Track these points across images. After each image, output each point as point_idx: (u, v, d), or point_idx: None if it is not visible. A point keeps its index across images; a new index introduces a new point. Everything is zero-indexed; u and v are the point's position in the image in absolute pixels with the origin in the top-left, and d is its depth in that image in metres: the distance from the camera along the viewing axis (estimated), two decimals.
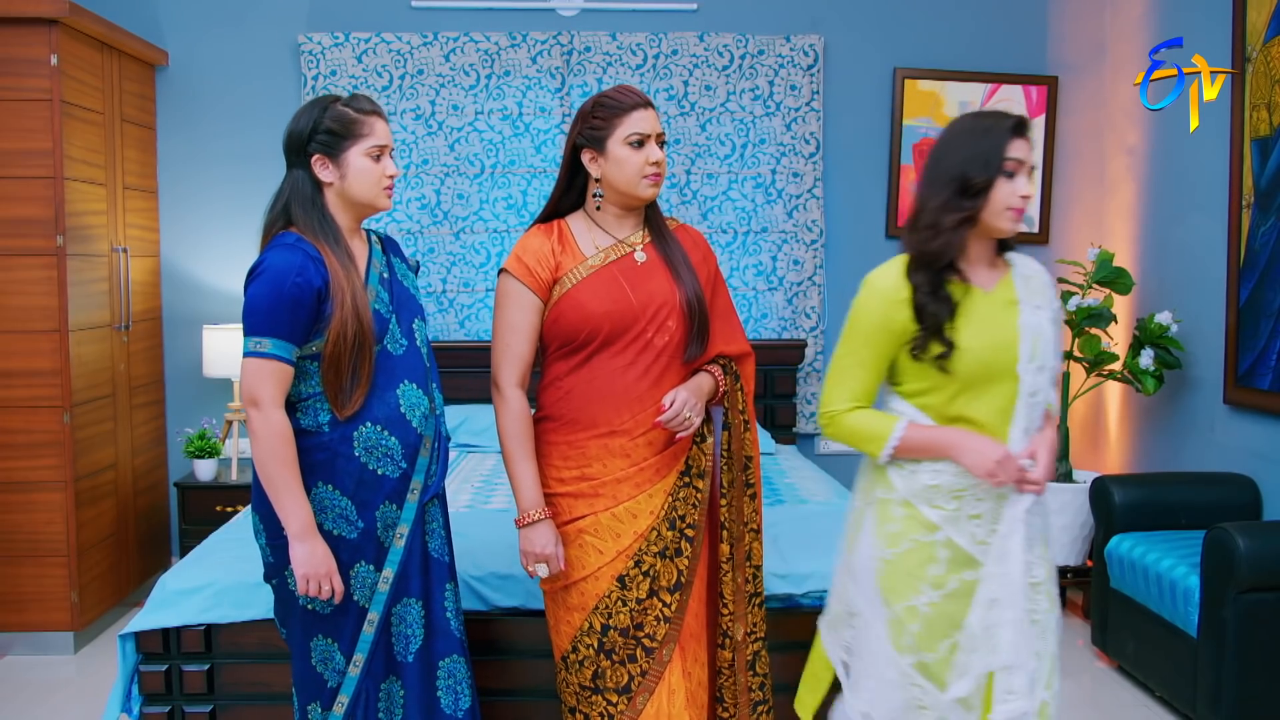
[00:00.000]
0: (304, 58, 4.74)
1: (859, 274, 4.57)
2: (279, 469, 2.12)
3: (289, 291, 2.11)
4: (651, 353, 2.25)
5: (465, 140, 4.77)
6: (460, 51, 4.75)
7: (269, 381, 2.12)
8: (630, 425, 2.25)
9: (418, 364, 2.28)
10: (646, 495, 2.26)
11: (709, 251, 2.43)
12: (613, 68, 4.76)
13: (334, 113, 2.21)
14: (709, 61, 4.78)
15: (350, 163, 2.20)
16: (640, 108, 2.24)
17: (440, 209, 4.78)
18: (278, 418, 2.12)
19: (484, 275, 4.81)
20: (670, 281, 2.28)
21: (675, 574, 2.28)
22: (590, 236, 2.31)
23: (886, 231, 4.92)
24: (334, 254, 2.17)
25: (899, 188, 4.89)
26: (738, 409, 2.37)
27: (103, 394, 4.24)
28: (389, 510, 2.23)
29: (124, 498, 4.41)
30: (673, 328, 2.26)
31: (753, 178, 4.81)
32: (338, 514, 2.20)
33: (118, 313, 4.37)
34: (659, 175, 2.27)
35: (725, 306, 2.41)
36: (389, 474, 2.21)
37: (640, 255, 2.30)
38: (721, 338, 2.37)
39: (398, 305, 2.28)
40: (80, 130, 4.08)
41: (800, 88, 4.80)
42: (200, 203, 4.83)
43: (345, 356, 2.15)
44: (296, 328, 2.13)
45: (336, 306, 2.13)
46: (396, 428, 2.21)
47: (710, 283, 2.38)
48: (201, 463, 4.52)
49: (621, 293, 2.24)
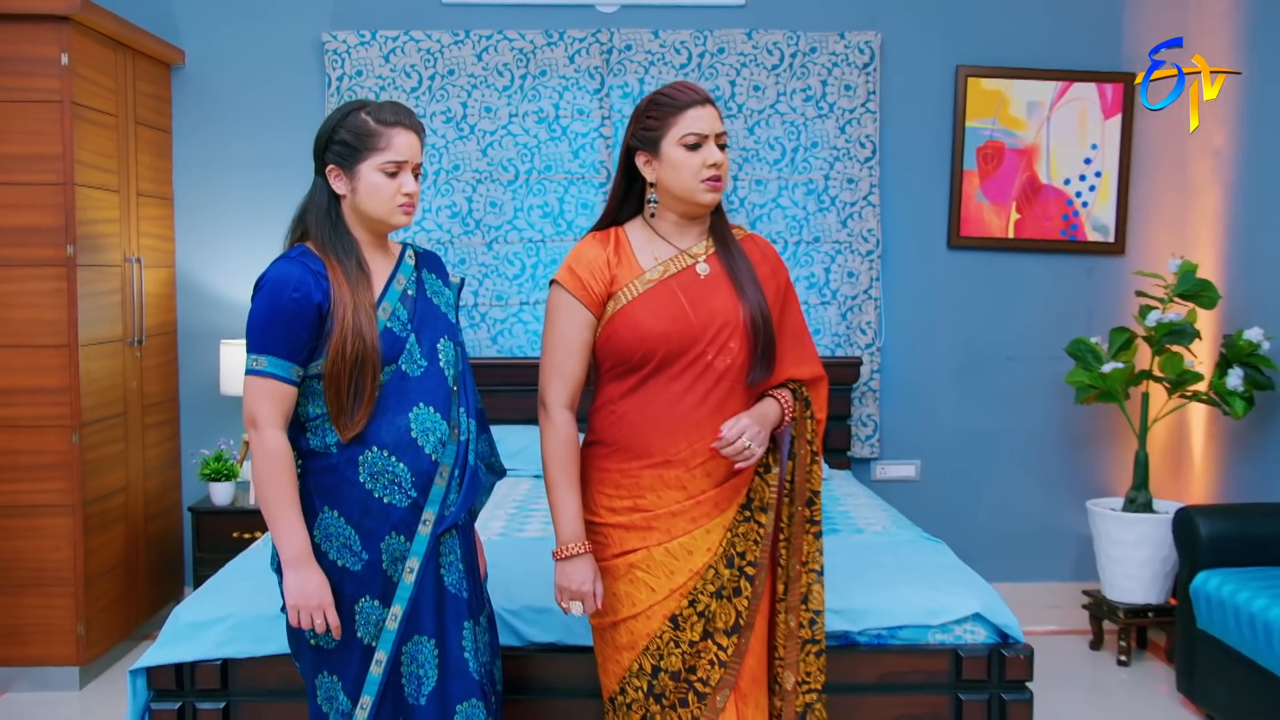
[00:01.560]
0: (328, 57, 4.73)
1: (918, 287, 4.91)
2: (272, 492, 2.13)
3: (285, 306, 2.13)
4: (711, 376, 2.22)
5: (499, 144, 4.76)
6: (494, 50, 4.74)
7: (265, 401, 2.13)
8: (687, 455, 2.22)
9: (438, 386, 2.26)
10: (704, 531, 2.24)
11: (779, 264, 2.38)
12: (655, 67, 4.74)
13: (351, 122, 2.21)
14: (757, 60, 4.75)
15: (362, 177, 2.20)
16: (697, 105, 2.21)
17: (472, 217, 4.77)
18: (273, 439, 2.14)
19: (518, 288, 4.79)
20: (734, 298, 2.25)
21: (733, 615, 2.25)
22: (650, 247, 2.28)
23: (948, 241, 4.86)
24: (342, 268, 2.18)
25: (961, 194, 4.82)
26: (805, 438, 2.31)
27: (113, 413, 4.23)
28: (396, 542, 2.21)
29: (135, 523, 4.39)
30: (735, 349, 2.23)
31: (804, 184, 4.77)
32: (342, 543, 2.20)
33: (130, 327, 4.36)
34: (719, 179, 2.22)
35: (796, 325, 2.37)
36: (396, 502, 2.20)
37: (703, 268, 2.27)
38: (791, 359, 2.33)
39: (420, 323, 2.27)
40: (92, 133, 4.08)
41: (855, 87, 4.77)
42: (218, 210, 4.83)
43: (344, 375, 2.15)
44: (295, 344, 2.14)
45: (336, 323, 2.14)
46: (406, 453, 2.20)
47: (779, 298, 2.34)
48: (218, 486, 4.50)
49: (680, 311, 2.21)
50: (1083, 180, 4.82)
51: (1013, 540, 4.93)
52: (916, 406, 4.89)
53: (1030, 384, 4.90)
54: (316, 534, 2.20)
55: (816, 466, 2.32)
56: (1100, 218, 4.83)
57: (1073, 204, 4.82)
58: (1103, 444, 4.91)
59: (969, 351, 4.91)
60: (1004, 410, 4.91)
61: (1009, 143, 4.80)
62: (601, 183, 4.74)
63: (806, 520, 2.31)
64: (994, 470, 4.93)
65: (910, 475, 4.90)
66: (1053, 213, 4.82)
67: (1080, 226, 4.82)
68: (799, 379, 2.33)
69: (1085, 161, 4.82)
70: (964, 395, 4.91)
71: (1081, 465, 4.92)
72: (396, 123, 2.21)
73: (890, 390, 4.89)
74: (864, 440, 4.86)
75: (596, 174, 4.76)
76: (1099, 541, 4.39)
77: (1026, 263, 4.88)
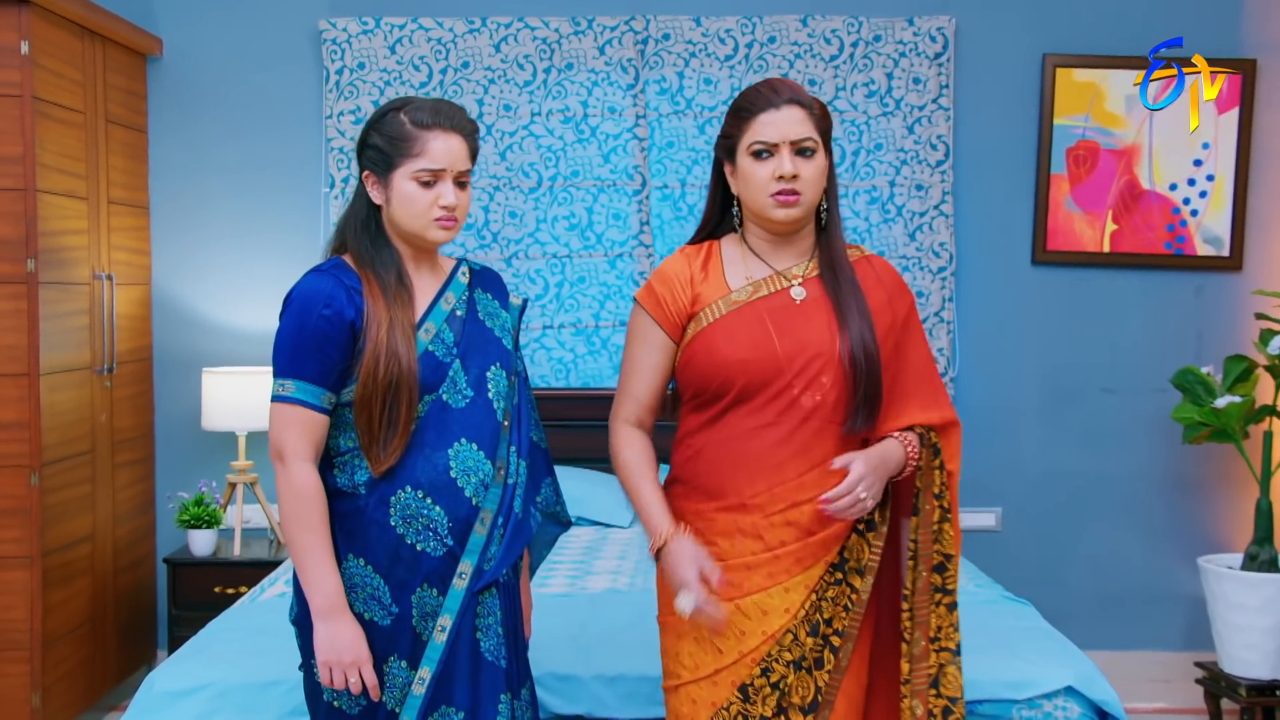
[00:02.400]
0: (326, 47, 4.71)
1: (998, 309, 4.78)
2: (300, 533, 2.16)
3: (315, 325, 2.17)
4: (797, 414, 2.22)
5: (519, 147, 4.75)
6: (513, 40, 4.72)
7: (292, 431, 2.17)
8: (765, 500, 2.22)
9: (485, 421, 2.28)
10: (781, 589, 2.22)
11: (899, 291, 2.36)
12: (696, 59, 4.72)
13: (387, 124, 2.24)
14: (814, 51, 4.71)
15: (396, 186, 2.23)
16: (770, 108, 2.22)
17: (489, 229, 4.76)
18: (301, 474, 2.17)
19: (541, 310, 4.77)
20: (831, 328, 2.24)
21: (812, 691, 2.23)
22: (743, 265, 2.31)
23: (1033, 256, 4.78)
24: (379, 282, 2.22)
25: (1048, 202, 4.75)
26: (932, 492, 2.27)
27: (79, 450, 4.21)
28: (428, 595, 2.22)
29: (102, 577, 4.36)
30: (827, 386, 2.22)
31: (866, 191, 4.75)
32: (369, 594, 2.22)
33: (99, 353, 4.35)
34: (792, 194, 2.21)
35: (921, 361, 2.34)
36: (430, 550, 2.21)
37: (798, 292, 2.28)
38: (916, 401, 2.30)
39: (467, 348, 2.29)
40: (56, 132, 4.06)
41: (926, 81, 4.73)
42: (201, 220, 4.81)
43: (376, 401, 2.17)
44: (326, 367, 2.18)
45: (369, 341, 2.17)
46: (443, 495, 2.21)
47: (895, 331, 2.31)
48: (198, 534, 4.46)
49: (765, 338, 2.23)
50: (1192, 185, 4.74)
51: (1111, 602, 4.85)
52: (996, 446, 4.81)
53: (1130, 420, 4.82)
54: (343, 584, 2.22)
55: (949, 526, 2.28)
56: (1212, 228, 4.74)
57: (1179, 212, 4.74)
58: (1217, 491, 4.82)
59: (1057, 383, 4.84)
60: (1099, 451, 4.83)
61: (1104, 143, 4.73)
62: (635, 190, 4.73)
63: (935, 589, 2.27)
64: (1088, 520, 4.84)
65: (989, 525, 4.84)
66: (1156, 223, 4.74)
67: (1188, 238, 4.74)
68: (926, 424, 2.28)
69: (1195, 164, 4.73)
70: (1051, 433, 4.84)
71: (1191, 516, 4.83)
72: (434, 125, 2.22)
73: (966, 427, 4.48)
74: None
75: (630, 180, 4.73)
76: (1214, 605, 4.29)
77: (1125, 280, 4.81)
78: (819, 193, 2.23)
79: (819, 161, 2.22)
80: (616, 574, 3.67)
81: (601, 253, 4.74)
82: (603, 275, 4.72)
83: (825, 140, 2.25)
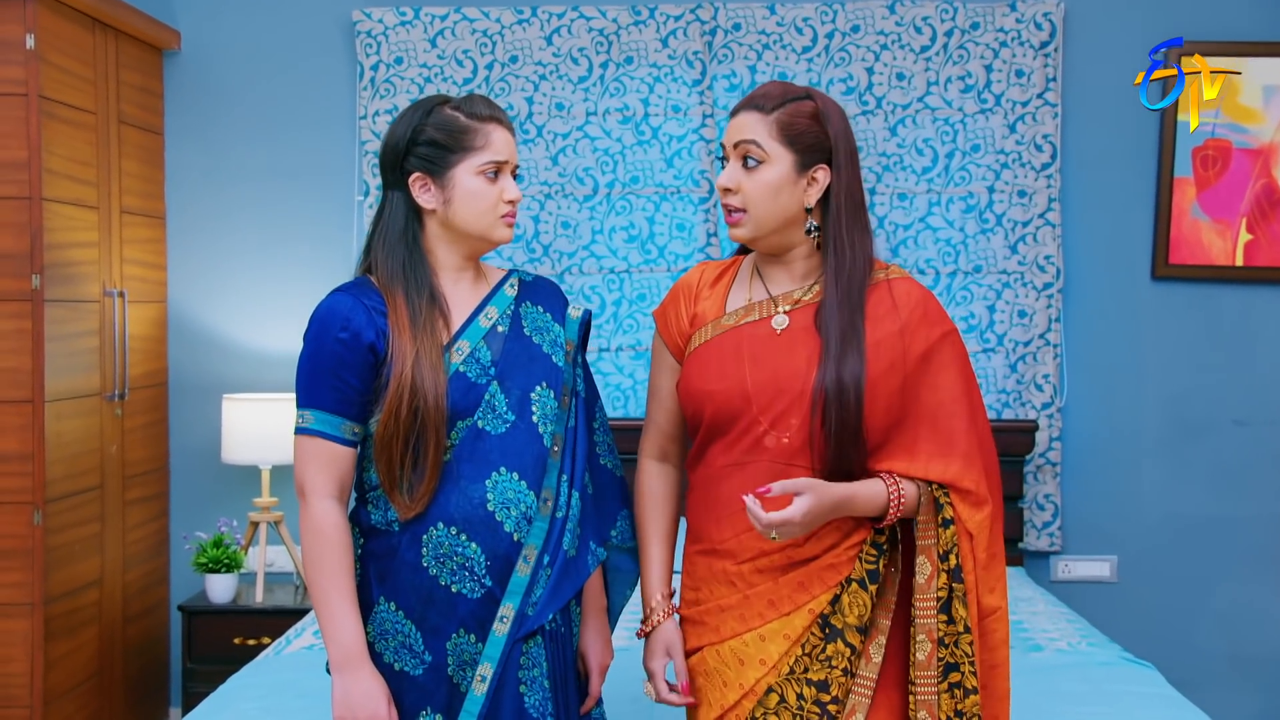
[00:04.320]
0: (360, 40, 4.73)
1: (1113, 330, 4.69)
2: (319, 577, 2.20)
3: (331, 350, 2.21)
4: (763, 455, 2.23)
5: (573, 150, 4.76)
6: (567, 32, 4.74)
7: (312, 465, 2.22)
8: (734, 546, 2.25)
9: (527, 447, 2.29)
10: (756, 636, 2.23)
11: (922, 321, 2.28)
12: (770, 51, 4.71)
13: (439, 118, 2.28)
14: (902, 41, 4.70)
15: (458, 183, 2.27)
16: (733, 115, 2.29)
17: (539, 241, 4.77)
18: (322, 512, 2.21)
19: (597, 330, 4.75)
20: (811, 362, 2.23)
21: None
22: (749, 286, 2.35)
23: (1153, 271, 4.75)
24: (408, 307, 2.24)
25: (1172, 209, 4.70)
26: (935, 552, 2.20)
27: (87, 485, 4.22)
28: (464, 642, 2.24)
29: (110, 626, 4.36)
30: (795, 426, 2.21)
31: (962, 198, 4.73)
32: (400, 642, 2.24)
33: (110, 378, 4.36)
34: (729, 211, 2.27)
35: (939, 404, 2.25)
36: (466, 592, 2.23)
37: (780, 320, 2.28)
38: (925, 448, 2.23)
39: (507, 368, 2.30)
40: (64, 135, 4.08)
41: (1030, 74, 4.69)
42: (222, 232, 4.84)
43: (398, 442, 2.19)
44: (346, 395, 2.21)
45: (393, 376, 2.19)
46: (480, 531, 2.22)
47: (905, 367, 2.24)
48: (216, 579, 4.47)
49: (737, 369, 2.25)
50: None
51: (1246, 666, 4.77)
52: (1111, 485, 4.78)
53: (1265, 456, 4.78)
54: (370, 631, 2.24)
55: (960, 606, 2.19)
56: None
57: None
58: None
59: (1181, 414, 4.79)
60: (1230, 491, 4.77)
61: (1237, 141, 4.69)
62: (702, 198, 4.74)
63: (947, 667, 2.18)
64: (1217, 571, 4.78)
65: (1104, 575, 4.80)
66: None
67: None
68: (924, 478, 2.21)
69: None
70: (1175, 471, 4.79)
71: None
72: (491, 117, 2.29)
73: (1076, 464, 4.78)
74: (1041, 529, 4.77)
75: (695, 187, 4.73)
76: None
77: (1261, 297, 4.77)
78: (772, 210, 2.20)
79: (765, 175, 2.20)
80: None
81: (664, 267, 4.73)
82: (665, 293, 4.64)
83: (800, 148, 2.21)
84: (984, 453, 2.24)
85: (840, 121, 2.23)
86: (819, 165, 2.21)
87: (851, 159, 2.23)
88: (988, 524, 2.22)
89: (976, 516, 2.21)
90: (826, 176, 2.21)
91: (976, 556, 2.20)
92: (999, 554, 2.23)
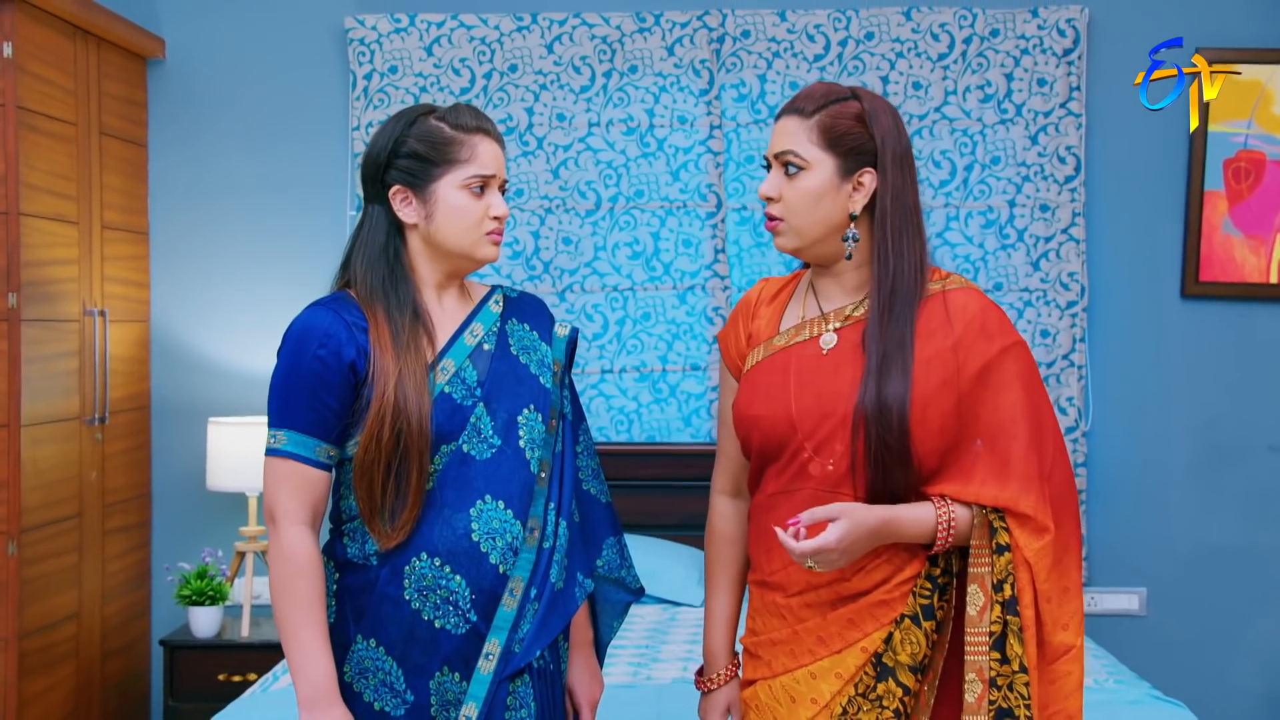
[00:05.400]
0: (353, 48, 4.74)
1: (1141, 350, 4.65)
2: (288, 609, 2.17)
3: (309, 367, 2.18)
4: (809, 483, 2.21)
5: (575, 162, 4.76)
6: (569, 39, 4.74)
7: (284, 489, 2.20)
8: (783, 578, 2.25)
9: (514, 474, 2.28)
10: (807, 674, 2.21)
11: (980, 335, 2.23)
12: (781, 59, 4.72)
13: (422, 129, 2.27)
14: (919, 49, 4.71)
15: (440, 197, 2.25)
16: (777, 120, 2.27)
17: (539, 258, 4.77)
18: (292, 539, 2.19)
19: (599, 351, 4.77)
20: (855, 383, 2.20)
21: None
22: (804, 302, 2.33)
23: (1183, 289, 4.74)
24: (390, 325, 2.23)
25: (1202, 224, 4.70)
26: (988, 581, 2.14)
27: (65, 514, 4.21)
28: (448, 680, 2.22)
29: (88, 662, 4.35)
30: (839, 452, 2.19)
31: (981, 212, 4.73)
32: (380, 680, 2.22)
33: (90, 401, 4.36)
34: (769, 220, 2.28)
35: (998, 424, 2.19)
36: (450, 628, 2.22)
37: (829, 339, 2.26)
38: (981, 472, 2.17)
39: (494, 389, 2.29)
40: (43, 147, 4.08)
41: (1053, 83, 4.69)
42: (208, 248, 4.84)
43: (379, 468, 2.17)
44: (323, 416, 2.19)
45: (374, 398, 2.18)
46: (464, 563, 2.21)
47: (960, 384, 2.19)
48: (200, 611, 4.44)
49: (783, 392, 2.24)
50: None
51: None
52: (1139, 514, 4.77)
53: None
54: (348, 670, 2.22)
55: (1016, 642, 2.11)
56: None
57: None
58: None
59: (1213, 439, 4.77)
60: (1265, 520, 4.76)
61: (1271, 153, 4.68)
62: (710, 213, 4.74)
63: (995, 710, 2.11)
64: (1252, 605, 4.75)
65: (1132, 608, 4.78)
66: None
67: None
68: (979, 502, 2.15)
69: None
70: (1207, 499, 4.77)
71: None
72: (478, 128, 2.27)
73: (1102, 491, 4.77)
74: None
75: (703, 201, 4.73)
76: None
77: None
78: (814, 219, 2.18)
79: (805, 182, 2.18)
80: (688, 660, 3.63)
81: (669, 285, 4.73)
82: (671, 311, 4.71)
83: (843, 150, 2.19)
84: (1050, 479, 2.17)
85: (889, 121, 2.20)
86: (865, 169, 2.18)
87: (902, 162, 2.19)
88: (1049, 552, 2.14)
89: (1035, 544, 2.14)
90: (873, 181, 2.17)
91: (1039, 588, 2.13)
92: (1071, 588, 2.16)
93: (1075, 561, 2.17)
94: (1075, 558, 2.18)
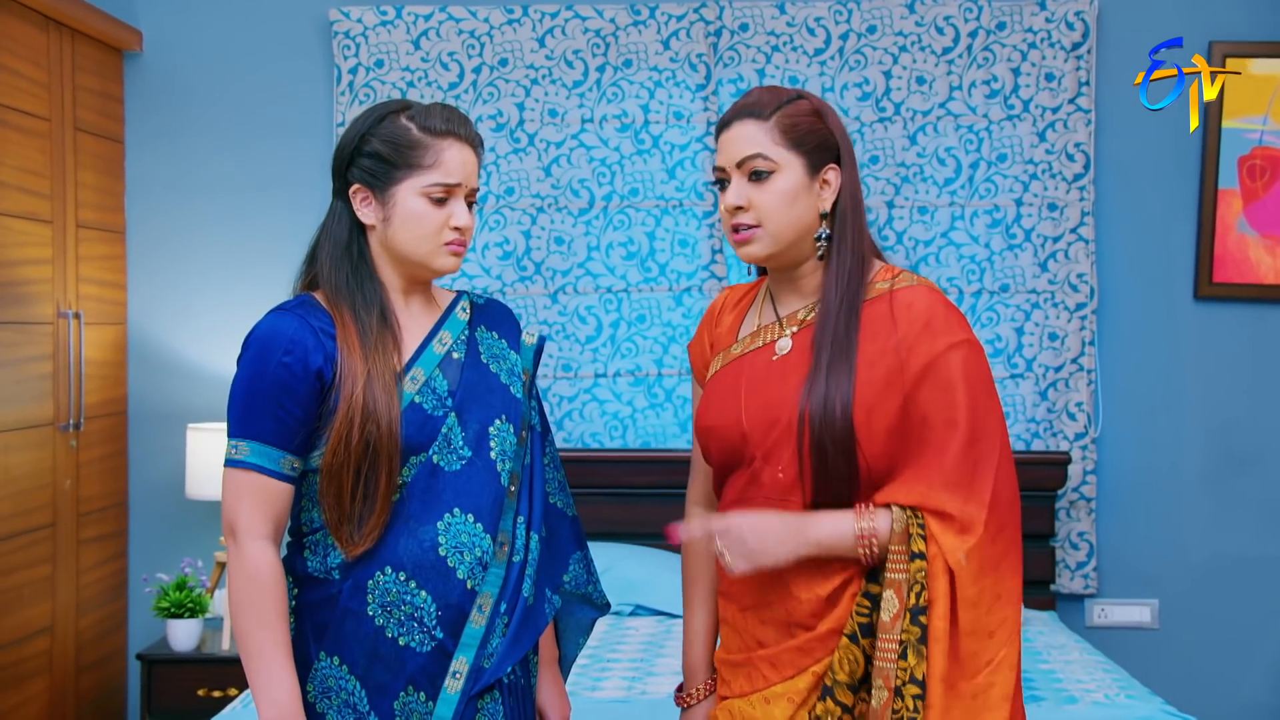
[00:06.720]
0: (337, 41, 4.75)
1: (1153, 354, 4.63)
2: (252, 626, 2.17)
3: (273, 375, 2.17)
4: (759, 492, 2.23)
5: (567, 160, 4.77)
6: (561, 32, 4.75)
7: (245, 502, 2.19)
8: (737, 590, 2.27)
9: (484, 487, 2.27)
10: (761, 699, 2.22)
11: (923, 333, 2.20)
12: (780, 53, 4.72)
13: (388, 129, 2.25)
14: (922, 42, 4.71)
15: (399, 202, 2.24)
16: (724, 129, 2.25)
17: (530, 258, 4.78)
18: (254, 554, 2.17)
19: (592, 354, 4.77)
20: (802, 385, 2.21)
21: None
22: (762, 309, 2.36)
23: (1196, 290, 4.74)
24: (357, 326, 2.23)
25: (1216, 224, 4.69)
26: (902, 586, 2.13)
27: (38, 524, 4.22)
28: (413, 700, 2.22)
29: (62, 677, 4.36)
30: (787, 459, 2.20)
31: (987, 212, 4.73)
32: (343, 701, 2.22)
33: (65, 406, 4.37)
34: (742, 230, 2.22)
35: (937, 422, 2.16)
36: (414, 645, 2.21)
37: (783, 344, 2.28)
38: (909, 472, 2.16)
39: (465, 399, 2.29)
40: (15, 144, 4.10)
41: (1061, 77, 4.69)
42: (187, 248, 4.85)
43: (348, 472, 2.17)
44: (287, 426, 2.19)
45: (342, 400, 2.18)
46: (430, 578, 2.21)
47: (903, 383, 2.17)
48: (179, 624, 4.44)
49: (734, 401, 2.26)
50: None
51: None
52: (1151, 523, 4.77)
53: None
54: (311, 690, 2.21)
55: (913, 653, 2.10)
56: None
57: None
58: None
59: (1227, 445, 4.77)
60: None
61: None
62: (706, 212, 4.75)
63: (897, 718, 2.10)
64: (1268, 616, 4.76)
65: (1144, 621, 4.77)
66: None
67: None
68: (913, 503, 2.13)
69: None
70: (1221, 507, 4.76)
71: None
72: (448, 132, 2.24)
73: (1112, 499, 4.78)
74: (1075, 570, 4.76)
75: (699, 200, 4.74)
76: None
77: None
78: (789, 221, 2.18)
79: (778, 184, 2.18)
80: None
81: (665, 286, 4.73)
82: (666, 313, 4.72)
83: (808, 149, 2.19)
84: (989, 482, 2.13)
85: (837, 117, 2.24)
86: (829, 166, 2.20)
87: (853, 156, 2.24)
88: (977, 555, 2.11)
89: (962, 545, 2.11)
90: (838, 177, 2.20)
91: (962, 593, 2.10)
92: (1005, 594, 2.12)
93: (1013, 569, 2.14)
94: (1013, 565, 2.14)
